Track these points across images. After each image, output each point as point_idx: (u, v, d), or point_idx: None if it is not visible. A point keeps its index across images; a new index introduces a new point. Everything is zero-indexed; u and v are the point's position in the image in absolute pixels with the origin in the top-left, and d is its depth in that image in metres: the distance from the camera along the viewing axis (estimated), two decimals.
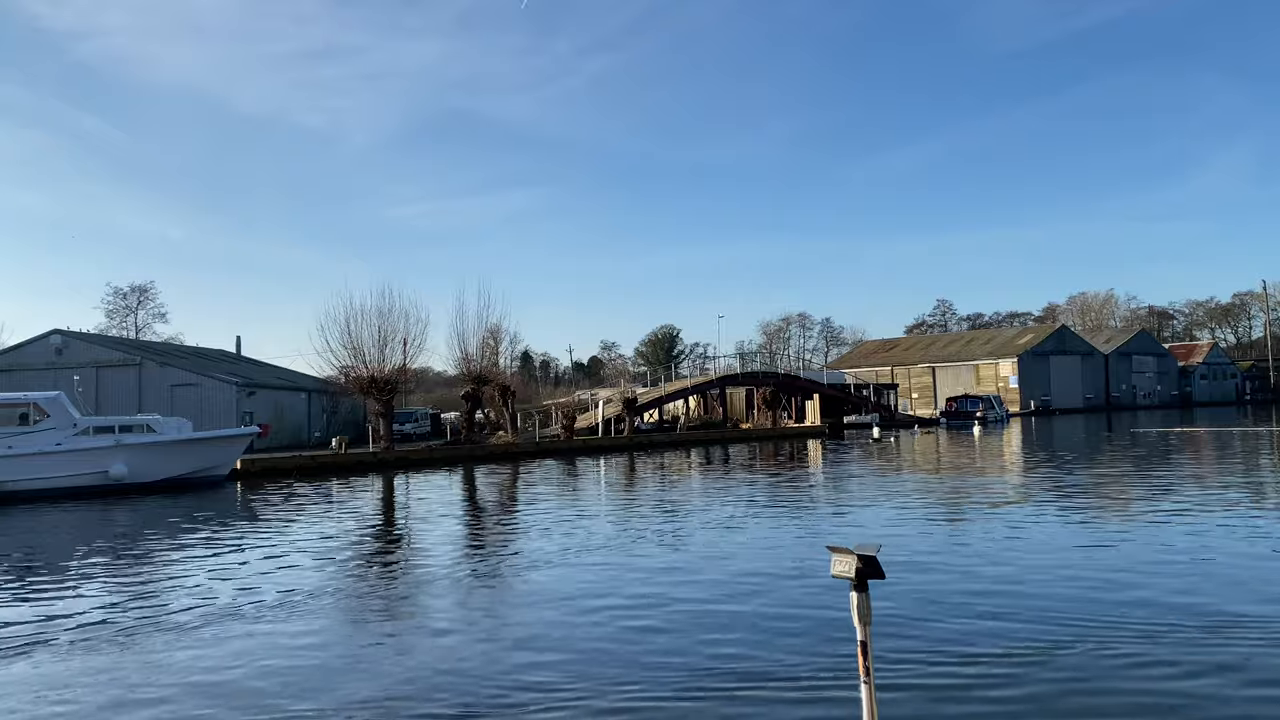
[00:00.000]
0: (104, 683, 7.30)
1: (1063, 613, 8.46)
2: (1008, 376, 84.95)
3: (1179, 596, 9.02)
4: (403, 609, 10.09)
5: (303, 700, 6.70)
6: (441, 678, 7.15)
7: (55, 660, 8.07)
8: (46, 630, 9.22)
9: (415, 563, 13.36)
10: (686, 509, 18.15)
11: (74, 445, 25.95)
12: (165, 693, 6.97)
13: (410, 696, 6.72)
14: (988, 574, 10.44)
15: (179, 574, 12.52)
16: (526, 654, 7.76)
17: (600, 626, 8.67)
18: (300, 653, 8.05)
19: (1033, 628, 7.98)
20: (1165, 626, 7.89)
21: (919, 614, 8.53)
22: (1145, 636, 7.60)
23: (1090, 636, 7.63)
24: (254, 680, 7.23)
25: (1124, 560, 11.05)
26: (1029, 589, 9.55)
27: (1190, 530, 13.16)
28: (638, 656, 7.60)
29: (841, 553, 3.51)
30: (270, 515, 19.80)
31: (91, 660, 8.02)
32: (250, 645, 8.36)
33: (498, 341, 46.59)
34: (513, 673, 7.21)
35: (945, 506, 17.48)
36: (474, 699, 6.62)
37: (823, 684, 6.62)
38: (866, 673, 3.49)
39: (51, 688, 7.21)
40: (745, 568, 11.42)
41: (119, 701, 6.81)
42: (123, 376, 44.38)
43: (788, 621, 8.53)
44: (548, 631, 8.57)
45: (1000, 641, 7.59)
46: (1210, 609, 8.47)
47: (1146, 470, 23.38)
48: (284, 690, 6.95)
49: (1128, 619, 8.16)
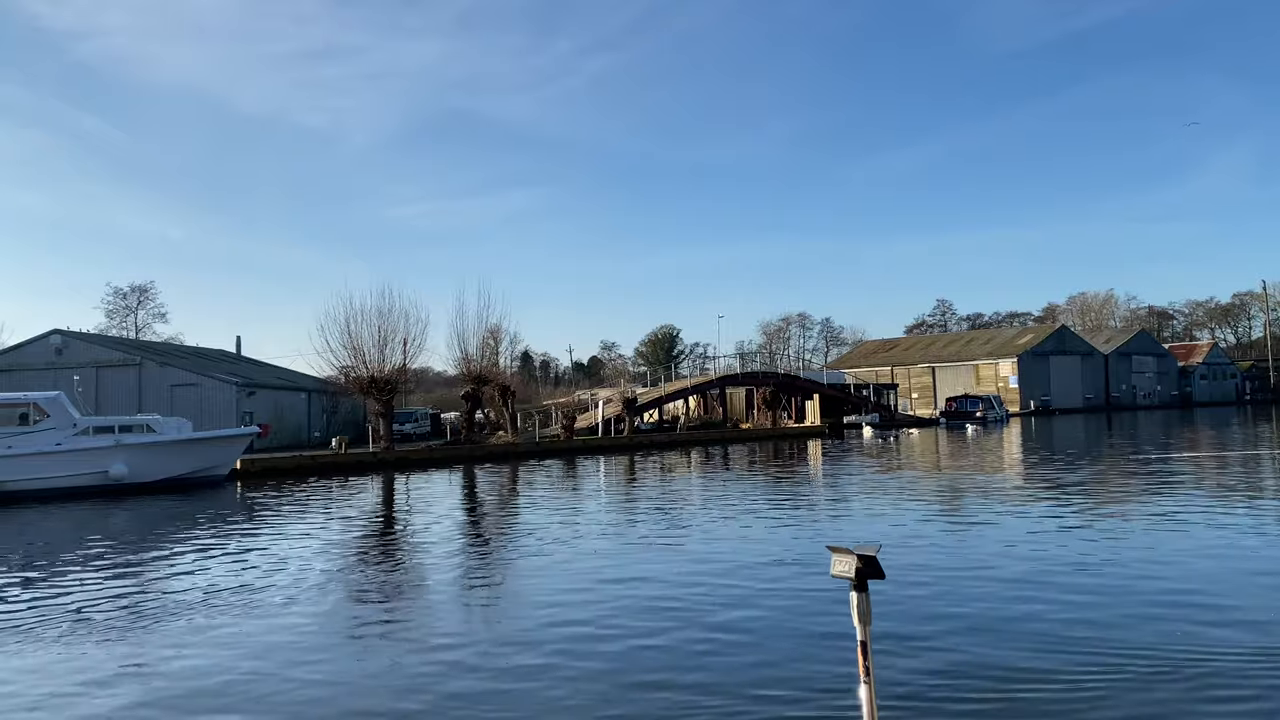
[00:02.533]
0: (98, 681, 7.30)
1: (1062, 611, 8.48)
2: (1007, 376, 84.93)
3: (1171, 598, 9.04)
4: (401, 611, 10.08)
5: (302, 701, 6.70)
6: (440, 680, 7.15)
7: (52, 659, 8.08)
8: (42, 629, 9.22)
9: (414, 564, 13.35)
10: (686, 509, 18.15)
11: (74, 445, 25.95)
12: (163, 693, 6.97)
13: (408, 700, 6.72)
14: (980, 576, 10.45)
15: (177, 574, 12.50)
16: (526, 654, 7.75)
17: (600, 626, 8.66)
18: (300, 652, 8.04)
19: (1031, 627, 7.99)
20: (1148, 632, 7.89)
21: (913, 614, 8.54)
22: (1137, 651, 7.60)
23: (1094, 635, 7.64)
24: (251, 680, 7.23)
25: (1118, 566, 11.06)
26: (1024, 590, 9.56)
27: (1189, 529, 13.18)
28: (638, 658, 7.59)
29: (841, 553, 3.50)
30: (270, 515, 19.79)
31: (91, 660, 8.02)
32: (249, 645, 8.34)
33: (498, 341, 46.66)
34: (512, 673, 7.20)
35: (922, 508, 17.49)
36: (474, 701, 6.62)
37: (823, 684, 6.62)
38: (866, 673, 3.49)
39: (43, 683, 7.21)
40: (745, 567, 11.41)
41: (117, 700, 6.81)
42: (123, 376, 44.37)
43: (788, 622, 8.52)
44: (548, 632, 8.55)
45: (999, 642, 7.60)
46: (1204, 606, 8.49)
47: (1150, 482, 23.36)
48: (283, 689, 6.94)
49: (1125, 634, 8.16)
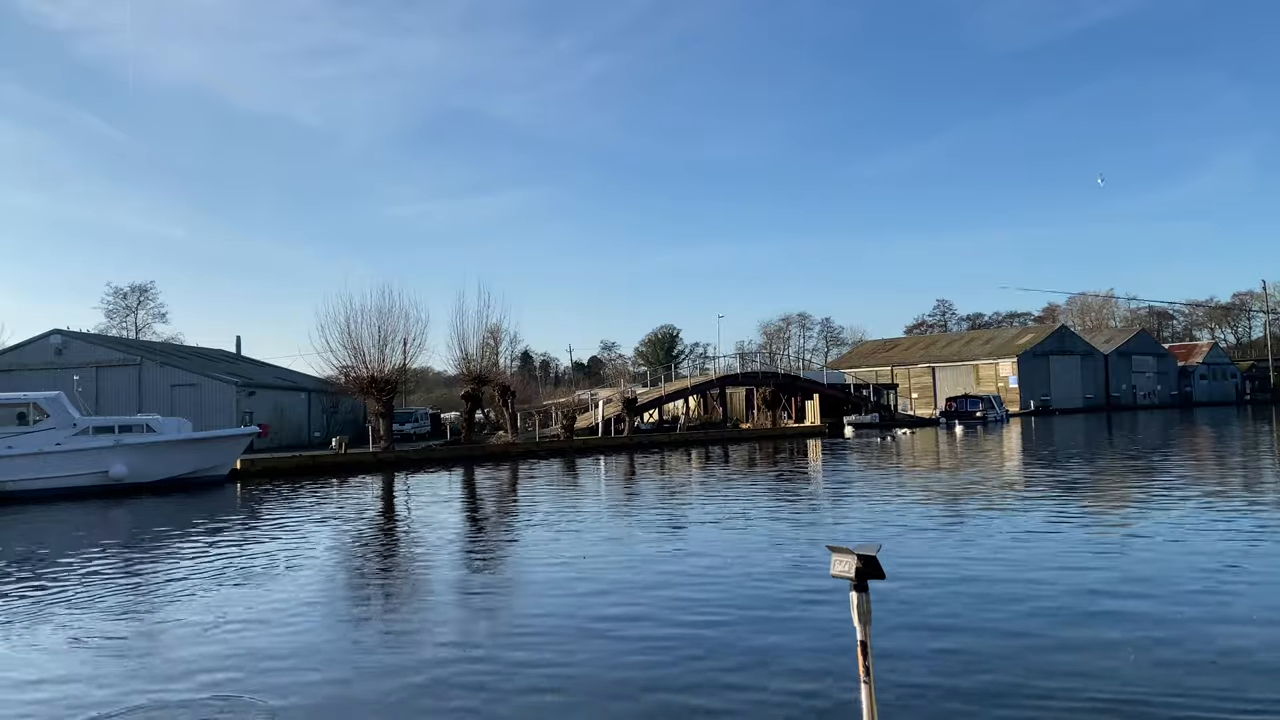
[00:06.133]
0: (95, 682, 7.31)
1: (1059, 613, 8.48)
2: (1007, 376, 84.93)
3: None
4: (402, 610, 10.08)
5: (303, 700, 6.70)
6: (440, 680, 7.15)
7: (46, 656, 8.08)
8: (38, 628, 9.23)
9: (414, 563, 13.35)
10: (686, 510, 18.15)
11: (74, 445, 25.95)
12: (163, 693, 6.97)
13: (409, 699, 6.72)
14: (972, 575, 10.46)
15: (176, 574, 12.48)
16: (525, 655, 7.75)
17: (600, 625, 8.65)
18: (300, 652, 8.04)
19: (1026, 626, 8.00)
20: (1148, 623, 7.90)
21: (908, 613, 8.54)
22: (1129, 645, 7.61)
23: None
24: (252, 680, 7.22)
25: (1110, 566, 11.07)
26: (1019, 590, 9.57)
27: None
28: (637, 657, 7.58)
29: (841, 552, 3.49)
30: (269, 515, 19.78)
31: (84, 656, 8.02)
32: (247, 645, 8.34)
33: (498, 341, 46.61)
34: (512, 672, 7.20)
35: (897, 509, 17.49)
36: (474, 700, 6.62)
37: (822, 684, 6.62)
38: (866, 673, 3.49)
39: (43, 677, 7.22)
40: (745, 567, 11.40)
41: (112, 701, 6.82)
42: (122, 376, 44.37)
43: (787, 621, 8.52)
44: (547, 633, 8.55)
45: (997, 639, 7.61)
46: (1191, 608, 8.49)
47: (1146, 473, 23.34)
48: (283, 689, 6.94)
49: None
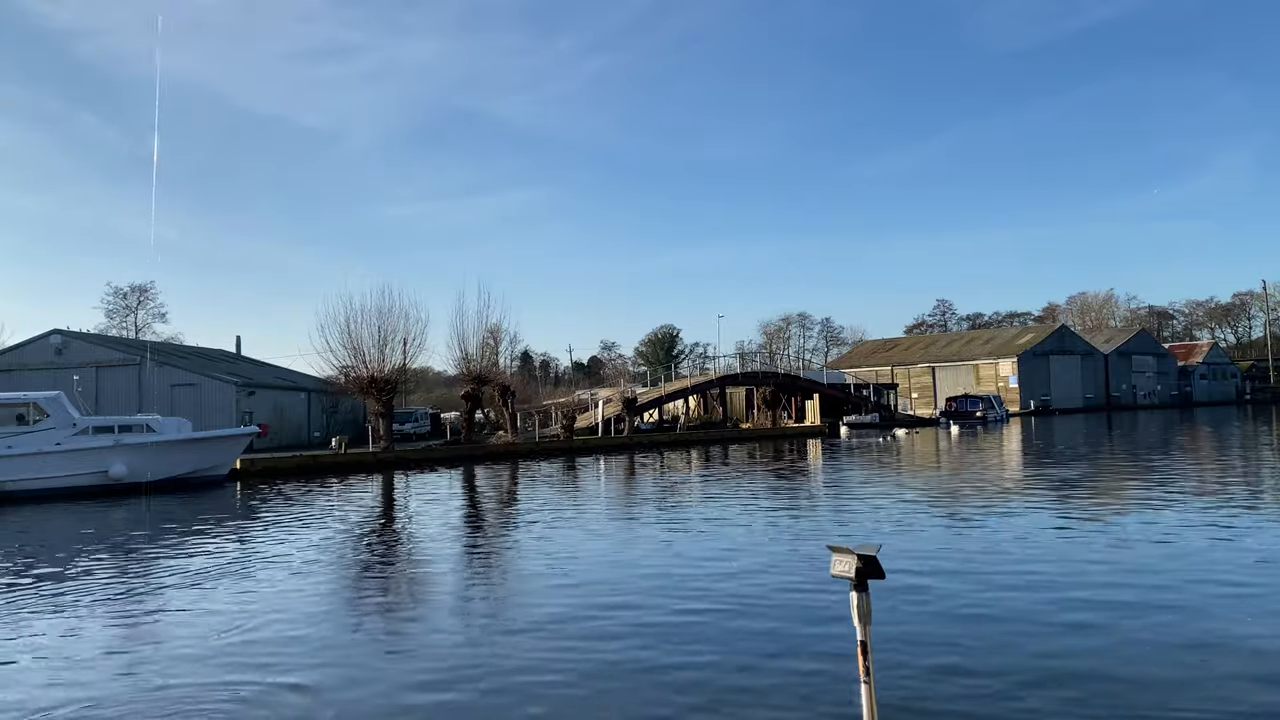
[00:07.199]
0: (95, 680, 7.30)
1: (1057, 610, 8.47)
2: (1007, 376, 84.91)
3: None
4: (401, 609, 10.08)
5: (302, 700, 6.70)
6: (440, 678, 7.15)
7: (46, 656, 8.08)
8: (38, 627, 9.22)
9: (414, 562, 13.34)
10: (686, 510, 18.15)
11: (74, 445, 25.95)
12: (162, 692, 6.96)
13: (408, 698, 6.71)
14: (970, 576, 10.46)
15: (175, 574, 12.48)
16: (525, 653, 7.75)
17: (599, 625, 8.65)
18: (300, 651, 8.04)
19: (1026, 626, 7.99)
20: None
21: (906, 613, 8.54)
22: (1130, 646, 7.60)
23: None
24: (250, 678, 7.22)
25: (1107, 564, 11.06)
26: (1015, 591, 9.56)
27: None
28: (637, 656, 7.59)
29: (841, 552, 3.49)
30: (269, 515, 19.78)
31: (84, 656, 8.02)
32: (246, 645, 8.34)
33: (498, 341, 46.59)
34: (512, 672, 7.20)
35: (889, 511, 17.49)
36: (473, 699, 6.61)
37: (822, 684, 6.62)
38: (866, 673, 3.48)
39: (41, 675, 7.22)
40: (745, 567, 11.40)
41: (106, 698, 6.81)
42: (122, 376, 44.36)
43: (787, 621, 8.52)
44: (545, 633, 8.55)
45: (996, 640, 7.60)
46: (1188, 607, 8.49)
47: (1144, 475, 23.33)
48: (282, 688, 6.94)
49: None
